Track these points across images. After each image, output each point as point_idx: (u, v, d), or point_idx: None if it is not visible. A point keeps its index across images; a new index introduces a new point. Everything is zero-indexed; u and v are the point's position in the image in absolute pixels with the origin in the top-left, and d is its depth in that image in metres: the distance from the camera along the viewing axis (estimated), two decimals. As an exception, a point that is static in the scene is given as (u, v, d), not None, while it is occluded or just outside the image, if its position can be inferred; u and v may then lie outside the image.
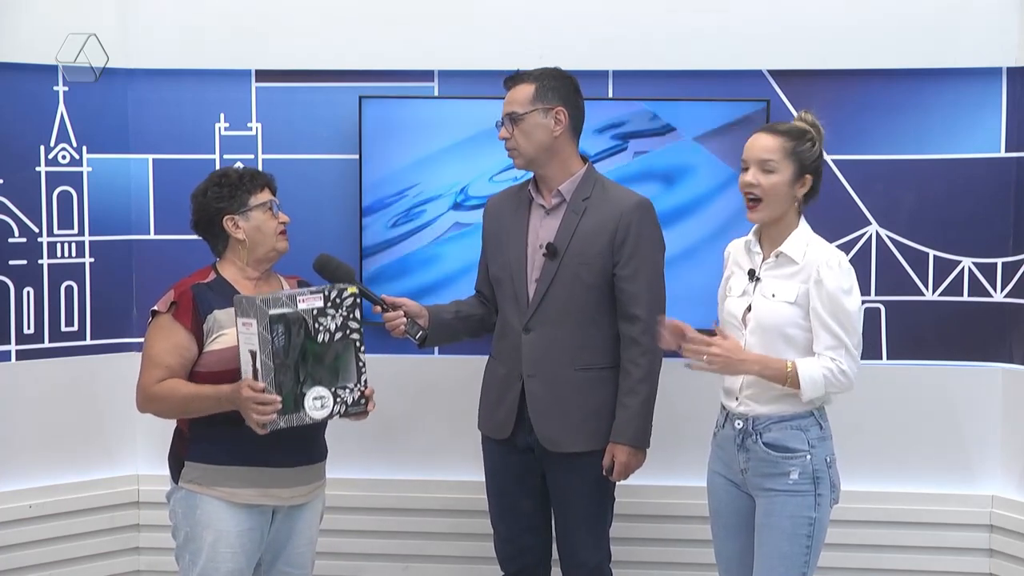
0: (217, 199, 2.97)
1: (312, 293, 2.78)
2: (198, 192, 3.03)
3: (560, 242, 3.16)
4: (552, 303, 3.16)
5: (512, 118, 3.16)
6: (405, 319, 3.15)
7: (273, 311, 2.71)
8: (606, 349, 3.18)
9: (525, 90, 3.16)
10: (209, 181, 3.02)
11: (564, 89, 3.19)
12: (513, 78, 3.21)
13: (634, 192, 3.24)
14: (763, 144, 2.89)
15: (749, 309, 2.92)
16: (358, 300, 2.84)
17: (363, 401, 2.86)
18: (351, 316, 2.81)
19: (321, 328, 2.77)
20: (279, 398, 2.73)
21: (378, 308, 3.12)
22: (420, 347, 3.24)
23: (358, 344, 2.83)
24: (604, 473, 3.17)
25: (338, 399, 2.82)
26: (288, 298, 2.74)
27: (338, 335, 2.80)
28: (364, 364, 2.85)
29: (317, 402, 2.79)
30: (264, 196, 3.00)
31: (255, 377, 2.74)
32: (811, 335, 2.87)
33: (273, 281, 3.07)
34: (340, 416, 2.84)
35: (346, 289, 2.81)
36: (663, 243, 3.24)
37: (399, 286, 3.88)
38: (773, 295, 2.88)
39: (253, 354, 2.74)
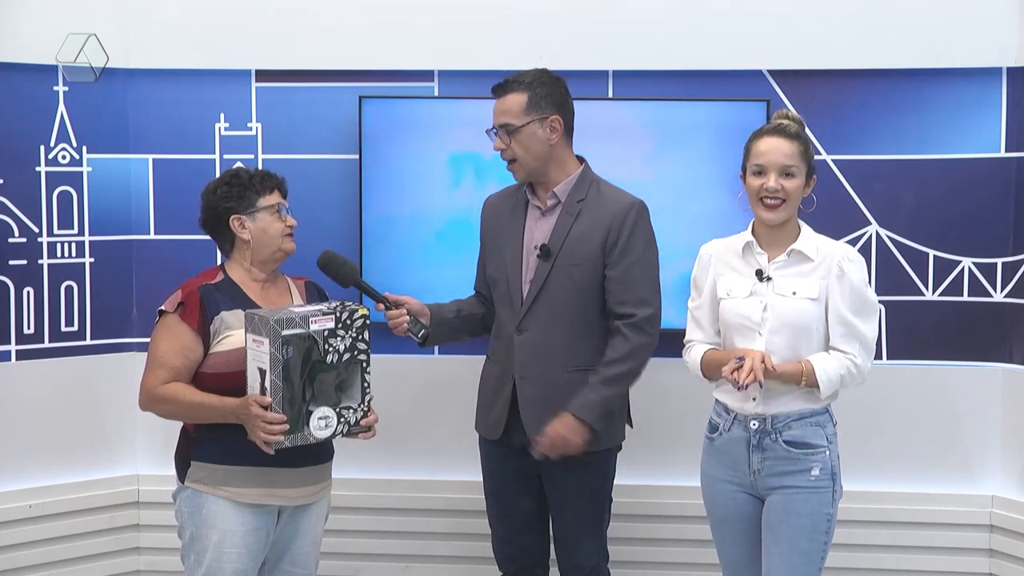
0: (225, 198, 2.97)
1: (324, 314, 2.76)
2: (208, 190, 3.03)
3: (553, 243, 3.15)
4: (544, 304, 3.15)
5: (508, 130, 3.13)
6: (408, 317, 3.14)
7: (286, 332, 2.70)
8: (598, 351, 3.15)
9: (518, 100, 3.12)
10: (220, 180, 3.03)
11: (557, 95, 3.16)
12: (503, 86, 3.16)
13: (628, 194, 3.22)
14: (783, 150, 2.90)
15: (765, 309, 2.92)
16: (368, 321, 2.83)
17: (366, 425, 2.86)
18: (360, 337, 2.81)
19: (331, 349, 2.77)
20: (286, 418, 2.73)
21: (381, 306, 3.11)
22: (421, 346, 3.23)
23: (365, 365, 2.83)
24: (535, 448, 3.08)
25: (342, 419, 2.82)
26: (301, 318, 2.73)
27: (346, 356, 2.79)
28: (369, 385, 2.84)
29: (322, 422, 2.79)
30: (273, 199, 3.00)
31: (263, 395, 2.74)
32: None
33: (280, 283, 3.07)
34: (343, 435, 2.84)
35: (357, 310, 2.80)
36: (655, 243, 3.21)
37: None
38: (794, 293, 2.89)
39: (262, 372, 2.73)
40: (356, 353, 2.81)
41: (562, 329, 3.14)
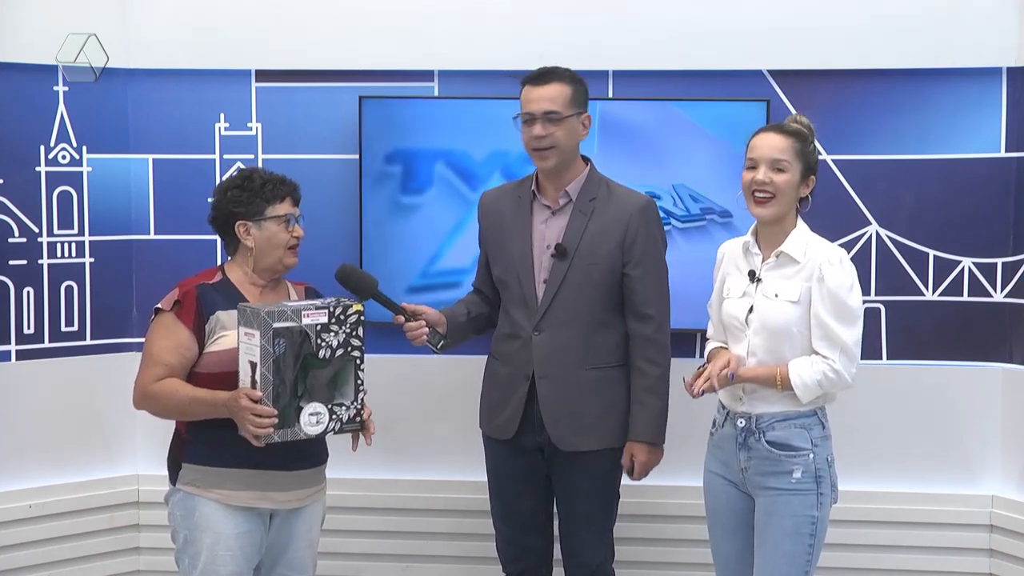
0: (234, 203, 2.95)
1: (317, 308, 2.75)
2: (220, 189, 3.01)
3: (569, 243, 3.15)
4: (562, 304, 3.15)
5: (552, 118, 3.12)
6: (427, 329, 3.12)
7: (277, 324, 2.68)
8: (616, 348, 3.19)
9: (564, 91, 3.14)
10: (232, 181, 3.00)
11: (586, 95, 3.21)
12: (547, 75, 3.15)
13: (639, 193, 3.26)
14: (774, 144, 2.90)
15: (751, 310, 2.92)
16: (362, 318, 2.81)
17: (359, 419, 2.84)
18: (354, 333, 2.79)
19: (323, 344, 2.75)
20: (276, 411, 2.72)
21: (400, 318, 3.10)
22: (438, 353, 3.21)
23: (358, 362, 2.81)
24: (625, 472, 3.21)
25: (334, 416, 2.80)
26: (293, 312, 2.71)
27: (339, 352, 2.78)
28: (363, 382, 2.83)
29: (313, 418, 2.78)
30: (283, 208, 2.97)
31: (253, 388, 2.73)
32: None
33: (280, 287, 3.05)
34: (335, 433, 2.83)
35: (351, 306, 2.79)
36: (666, 241, 3.27)
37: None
38: (776, 295, 2.88)
39: (253, 365, 2.71)
40: (350, 349, 2.79)
41: (580, 328, 3.16)
